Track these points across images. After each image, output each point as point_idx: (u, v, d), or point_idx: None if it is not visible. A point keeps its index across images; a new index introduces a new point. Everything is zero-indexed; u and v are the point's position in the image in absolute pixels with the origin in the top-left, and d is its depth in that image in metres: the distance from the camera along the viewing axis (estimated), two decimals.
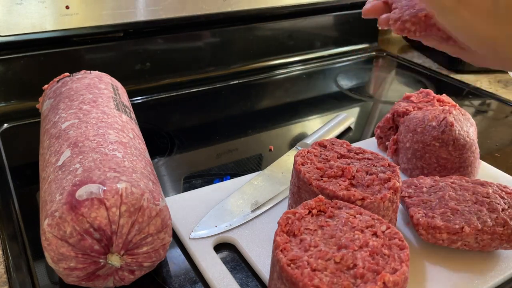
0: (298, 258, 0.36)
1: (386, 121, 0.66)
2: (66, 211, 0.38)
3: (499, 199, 0.51)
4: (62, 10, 0.74)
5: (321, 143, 0.53)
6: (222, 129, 0.76)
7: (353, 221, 0.40)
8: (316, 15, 1.03)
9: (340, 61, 1.07)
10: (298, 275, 0.35)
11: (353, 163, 0.49)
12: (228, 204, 0.54)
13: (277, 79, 0.98)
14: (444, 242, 0.48)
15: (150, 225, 0.41)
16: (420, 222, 0.48)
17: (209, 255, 0.48)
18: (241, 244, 0.49)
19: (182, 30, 0.88)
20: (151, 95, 0.85)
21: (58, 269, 0.41)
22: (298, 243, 0.38)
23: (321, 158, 0.50)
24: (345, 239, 0.38)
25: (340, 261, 0.36)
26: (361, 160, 0.50)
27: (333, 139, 0.54)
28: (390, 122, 0.66)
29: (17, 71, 0.75)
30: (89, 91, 0.55)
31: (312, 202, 0.42)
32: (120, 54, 0.83)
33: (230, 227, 0.51)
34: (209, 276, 0.45)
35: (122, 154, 0.45)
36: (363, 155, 0.51)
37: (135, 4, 0.79)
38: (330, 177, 0.47)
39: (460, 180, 0.54)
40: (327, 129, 0.72)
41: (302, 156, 0.50)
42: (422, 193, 0.52)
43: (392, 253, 0.37)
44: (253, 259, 0.48)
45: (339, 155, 0.51)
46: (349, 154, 0.51)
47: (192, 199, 0.55)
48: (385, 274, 0.34)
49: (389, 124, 0.66)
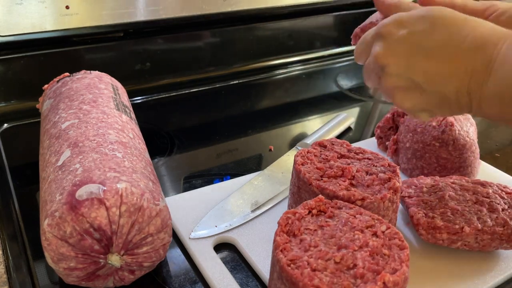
0: (298, 258, 0.36)
1: (386, 121, 0.66)
2: (66, 211, 0.38)
3: (499, 199, 0.51)
4: (62, 10, 0.73)
5: (321, 143, 0.53)
6: (222, 129, 0.76)
7: (353, 221, 0.40)
8: (316, 15, 1.03)
9: (340, 61, 1.07)
10: (298, 275, 0.35)
11: (353, 163, 0.49)
12: (228, 204, 0.54)
13: (277, 79, 0.98)
14: (444, 242, 0.48)
15: (150, 225, 0.41)
16: (420, 222, 0.48)
17: (209, 255, 0.48)
18: (241, 244, 0.49)
19: (182, 30, 0.88)
20: (151, 95, 0.85)
21: (58, 269, 0.41)
22: (298, 243, 0.38)
23: (321, 158, 0.50)
24: (345, 239, 0.38)
25: (340, 261, 0.36)
26: (361, 160, 0.50)
27: (333, 139, 0.54)
28: (390, 122, 0.66)
29: (17, 71, 0.75)
30: (89, 91, 0.55)
31: (312, 202, 0.42)
32: (120, 54, 0.83)
33: (230, 227, 0.51)
34: (209, 276, 0.45)
35: (122, 154, 0.45)
36: (363, 155, 0.51)
37: (135, 4, 0.79)
38: (330, 177, 0.47)
39: (460, 180, 0.54)
40: (327, 129, 0.72)
41: (302, 156, 0.50)
42: (422, 193, 0.52)
43: (392, 253, 0.37)
44: (253, 259, 0.48)
45: (339, 155, 0.51)
46: (349, 154, 0.51)
47: (192, 199, 0.55)
48: (385, 274, 0.34)
49: (389, 124, 0.66)
